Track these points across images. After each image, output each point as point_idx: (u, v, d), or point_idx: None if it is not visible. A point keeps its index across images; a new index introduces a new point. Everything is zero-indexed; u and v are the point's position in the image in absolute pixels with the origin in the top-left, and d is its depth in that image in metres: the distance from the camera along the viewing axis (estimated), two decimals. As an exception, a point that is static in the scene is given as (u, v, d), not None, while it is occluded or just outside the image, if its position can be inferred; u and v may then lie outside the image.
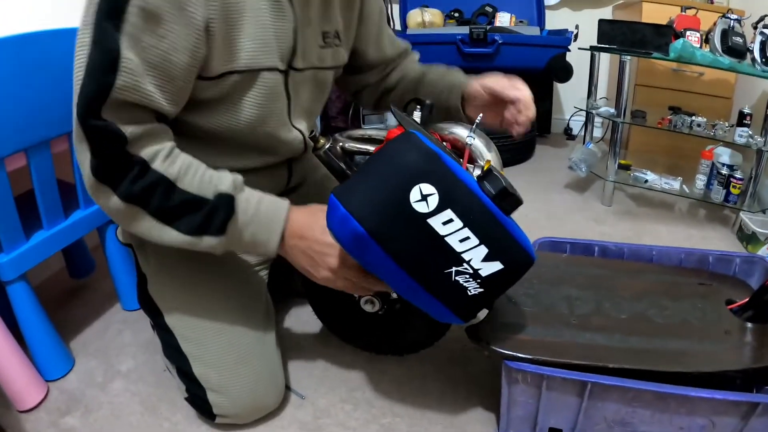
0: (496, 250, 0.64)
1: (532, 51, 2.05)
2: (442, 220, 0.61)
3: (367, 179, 0.63)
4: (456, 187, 0.61)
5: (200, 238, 0.72)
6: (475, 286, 0.66)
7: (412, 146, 0.62)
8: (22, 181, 0.96)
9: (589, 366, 0.74)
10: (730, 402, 0.69)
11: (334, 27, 0.88)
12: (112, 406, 0.93)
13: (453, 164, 0.63)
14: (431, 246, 0.62)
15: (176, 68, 0.66)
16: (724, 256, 0.99)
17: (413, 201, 0.60)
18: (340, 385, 0.98)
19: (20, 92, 0.83)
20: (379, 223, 0.61)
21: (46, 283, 1.33)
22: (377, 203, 0.61)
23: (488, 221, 0.63)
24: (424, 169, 0.60)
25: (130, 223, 0.71)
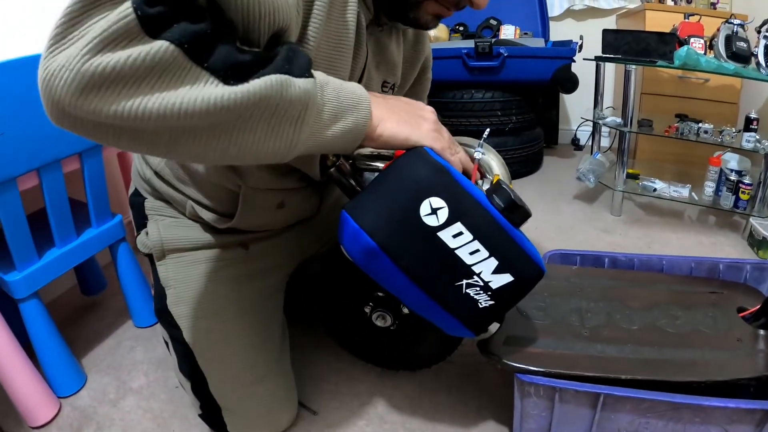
0: (506, 263, 0.64)
1: (537, 63, 2.06)
2: (452, 233, 0.61)
3: (378, 194, 0.63)
4: (465, 200, 0.62)
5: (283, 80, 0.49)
6: (486, 299, 0.66)
7: (421, 161, 0.63)
8: (35, 200, 0.97)
9: (601, 378, 0.73)
10: (744, 410, 0.68)
11: (394, 80, 0.87)
12: (124, 423, 0.94)
13: (462, 178, 0.63)
14: (442, 259, 0.62)
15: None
16: (734, 263, 0.99)
17: (423, 214, 0.61)
18: (351, 401, 0.97)
19: (32, 113, 0.84)
20: (389, 237, 0.61)
21: (59, 301, 1.34)
22: (388, 217, 0.61)
23: (497, 234, 0.63)
24: (434, 183, 0.61)
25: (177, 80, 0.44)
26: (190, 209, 0.86)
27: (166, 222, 0.89)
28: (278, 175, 0.82)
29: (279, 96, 0.49)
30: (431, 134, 0.66)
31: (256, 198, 0.83)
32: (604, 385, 0.72)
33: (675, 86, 2.13)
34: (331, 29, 0.65)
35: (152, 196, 0.91)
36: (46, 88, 0.43)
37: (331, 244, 0.97)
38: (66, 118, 0.44)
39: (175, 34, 0.43)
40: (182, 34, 0.43)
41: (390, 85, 0.87)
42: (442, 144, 0.67)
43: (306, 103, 0.52)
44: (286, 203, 0.87)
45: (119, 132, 0.45)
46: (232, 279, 0.87)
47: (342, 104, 0.57)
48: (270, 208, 0.86)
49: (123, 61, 0.41)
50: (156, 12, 0.43)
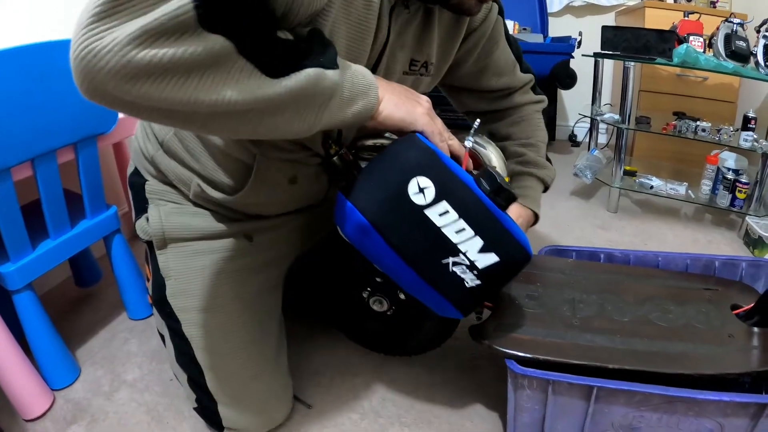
0: (491, 242, 0.67)
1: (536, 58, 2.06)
2: (439, 212, 0.64)
3: (371, 175, 0.67)
4: (452, 181, 0.65)
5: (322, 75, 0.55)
6: (472, 278, 0.68)
7: (411, 144, 0.66)
8: (29, 190, 0.97)
9: (588, 366, 0.74)
10: (737, 404, 0.69)
11: (425, 57, 0.85)
12: (118, 416, 0.93)
13: (450, 162, 0.66)
14: (428, 236, 0.65)
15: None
16: (730, 260, 0.99)
17: (411, 193, 0.64)
18: (346, 394, 0.97)
19: (27, 103, 0.84)
20: (379, 215, 0.65)
21: (53, 292, 1.33)
22: (379, 196, 0.65)
23: (483, 214, 0.66)
24: (422, 164, 0.64)
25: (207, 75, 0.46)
26: (195, 189, 0.84)
27: (168, 208, 0.87)
28: (294, 145, 0.82)
29: (314, 88, 0.54)
30: (423, 118, 0.69)
31: (270, 170, 0.82)
32: (593, 376, 0.72)
33: (673, 84, 2.13)
34: (353, 12, 0.66)
35: (155, 178, 0.89)
36: (86, 65, 0.43)
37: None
38: (103, 96, 0.45)
39: (228, 30, 0.46)
40: (235, 29, 0.46)
41: (420, 63, 0.85)
42: (433, 128, 0.69)
43: (332, 92, 0.57)
44: (298, 178, 0.86)
45: (157, 112, 0.47)
46: (235, 272, 0.86)
47: (355, 90, 0.61)
48: (282, 183, 0.84)
49: (179, 54, 0.44)
50: (215, 8, 0.45)
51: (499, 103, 1.03)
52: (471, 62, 0.94)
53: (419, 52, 0.83)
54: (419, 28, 0.81)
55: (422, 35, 0.82)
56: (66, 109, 0.91)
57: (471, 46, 0.91)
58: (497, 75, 0.98)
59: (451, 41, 0.88)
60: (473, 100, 1.04)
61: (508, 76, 1.00)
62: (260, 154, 0.80)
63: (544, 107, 1.07)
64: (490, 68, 0.97)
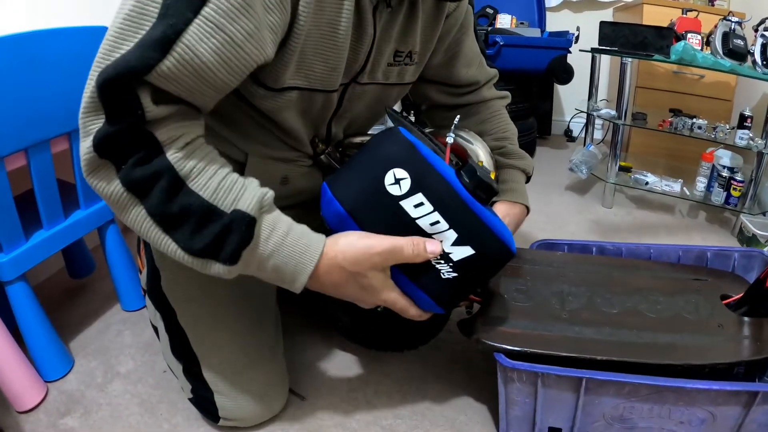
0: (467, 236, 0.67)
1: (533, 53, 2.06)
2: (414, 203, 0.65)
3: (352, 167, 0.69)
4: (429, 173, 0.65)
5: (206, 262, 0.59)
6: (447, 269, 0.69)
7: (391, 136, 0.68)
8: (22, 180, 0.96)
9: (577, 358, 0.74)
10: (728, 392, 0.69)
11: (410, 47, 0.85)
12: (112, 408, 0.93)
13: (429, 155, 0.66)
14: (403, 226, 0.66)
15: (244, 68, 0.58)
16: (722, 251, 0.99)
17: (387, 184, 0.65)
18: (340, 387, 0.98)
19: (20, 91, 0.83)
20: (356, 204, 0.66)
21: (46, 284, 1.33)
22: (357, 186, 0.67)
23: (459, 207, 0.66)
24: (400, 156, 0.65)
25: (127, 216, 0.58)
26: None
27: None
28: (284, 144, 0.83)
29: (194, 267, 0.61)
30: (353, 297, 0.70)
31: (261, 170, 0.81)
32: (581, 368, 0.72)
33: (670, 81, 2.13)
34: (323, 19, 0.66)
35: None
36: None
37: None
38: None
39: (122, 176, 0.55)
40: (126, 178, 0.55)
41: (405, 53, 0.85)
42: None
43: (224, 275, 0.61)
44: (290, 179, 0.86)
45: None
46: None
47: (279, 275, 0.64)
48: (274, 183, 0.84)
49: (94, 185, 0.57)
50: (108, 153, 0.55)
51: (468, 98, 1.03)
52: (442, 50, 0.94)
53: (403, 43, 0.84)
54: (404, 21, 0.81)
55: (407, 27, 0.82)
56: (60, 98, 0.90)
57: (444, 32, 0.91)
58: (466, 66, 0.99)
59: (432, 28, 0.88)
60: (443, 95, 1.04)
61: (476, 68, 1.00)
62: (251, 155, 0.81)
63: (508, 103, 1.08)
64: (460, 58, 0.97)
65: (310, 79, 0.71)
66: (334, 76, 0.74)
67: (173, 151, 0.56)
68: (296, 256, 0.63)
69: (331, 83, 0.74)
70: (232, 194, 0.59)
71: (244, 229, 0.58)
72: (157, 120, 0.55)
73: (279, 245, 0.62)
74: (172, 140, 0.57)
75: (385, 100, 0.92)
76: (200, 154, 0.59)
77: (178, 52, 0.52)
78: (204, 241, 0.58)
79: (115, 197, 0.56)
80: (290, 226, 0.64)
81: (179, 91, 0.56)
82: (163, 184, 0.55)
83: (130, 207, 0.57)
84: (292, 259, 0.62)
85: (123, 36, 0.53)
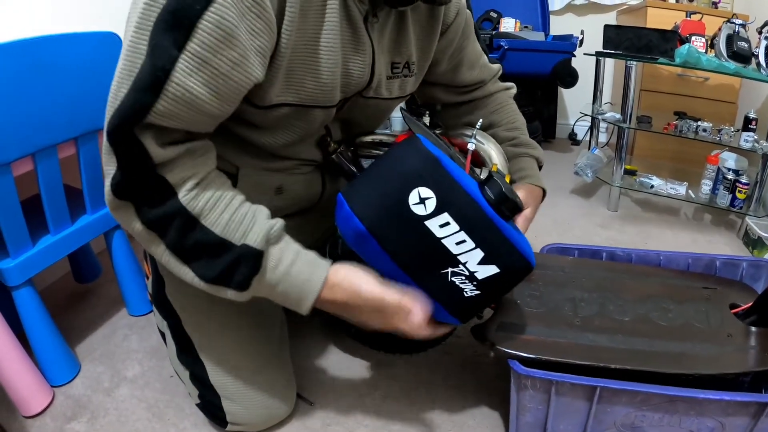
0: (492, 255, 0.65)
1: (537, 56, 2.06)
2: (439, 223, 0.63)
3: (371, 180, 0.66)
4: (454, 191, 0.63)
5: (220, 288, 0.65)
6: (471, 288, 0.67)
7: (413, 150, 0.64)
8: (29, 185, 0.96)
9: (592, 366, 0.74)
10: (738, 403, 0.69)
11: (405, 57, 0.85)
12: (119, 412, 0.93)
13: (454, 169, 0.64)
14: (427, 247, 0.64)
15: (236, 95, 0.61)
16: (730, 260, 0.99)
17: (412, 203, 0.63)
18: (348, 392, 0.97)
19: (27, 97, 0.83)
20: (378, 223, 0.64)
21: (52, 288, 1.33)
22: (378, 203, 0.64)
23: (485, 226, 0.65)
24: (424, 173, 0.63)
25: (151, 248, 0.64)
26: None
27: None
28: (273, 157, 0.82)
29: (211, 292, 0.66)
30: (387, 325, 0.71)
31: (254, 181, 0.81)
32: (596, 376, 0.72)
33: (675, 84, 2.13)
34: (307, 35, 0.66)
35: None
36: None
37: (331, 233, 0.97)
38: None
39: (141, 216, 0.61)
40: (146, 219, 0.61)
41: (401, 64, 0.85)
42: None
43: (238, 299, 0.66)
44: (284, 188, 0.86)
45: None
46: None
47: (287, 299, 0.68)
48: (268, 193, 0.84)
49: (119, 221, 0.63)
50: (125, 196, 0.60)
51: (473, 95, 1.03)
52: (446, 59, 0.95)
53: (398, 54, 0.84)
54: (393, 32, 0.81)
55: (398, 37, 0.82)
56: (66, 103, 0.90)
57: (447, 42, 0.91)
58: (470, 68, 0.99)
59: (428, 38, 0.88)
60: (449, 95, 1.04)
61: (479, 69, 1.00)
62: (242, 167, 0.80)
63: (515, 93, 1.08)
64: (464, 63, 0.97)
65: (301, 95, 0.70)
66: (330, 92, 0.73)
67: (184, 193, 0.60)
68: (300, 284, 0.66)
69: (327, 99, 0.73)
70: (242, 229, 0.63)
71: (252, 262, 0.63)
72: (165, 163, 0.59)
73: (285, 274, 0.65)
74: (183, 181, 0.61)
75: (386, 111, 0.93)
76: (211, 191, 0.63)
77: (171, 91, 0.55)
78: (216, 271, 0.63)
79: (137, 234, 0.62)
80: (297, 254, 0.67)
81: (180, 124, 0.58)
82: (177, 223, 0.61)
83: (152, 242, 0.63)
84: (296, 287, 0.66)
85: (123, 77, 0.56)
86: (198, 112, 0.58)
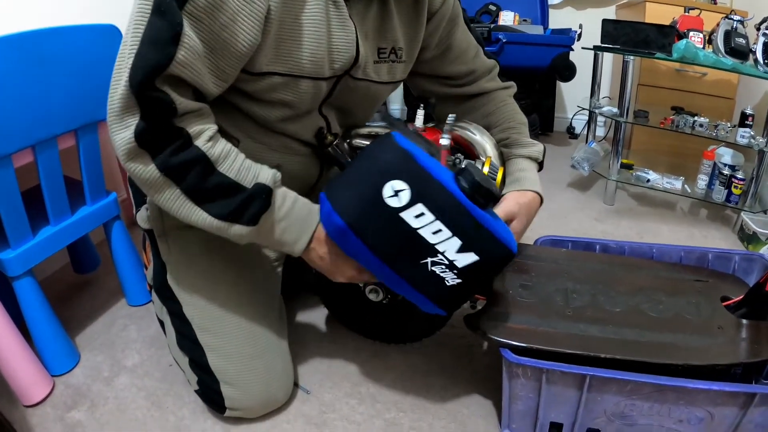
0: (470, 242, 0.67)
1: (536, 50, 2.05)
2: (414, 214, 0.66)
3: (350, 177, 0.70)
4: (427, 182, 0.66)
5: (231, 225, 0.71)
6: (452, 277, 0.69)
7: (386, 146, 0.68)
8: (29, 177, 0.97)
9: (581, 356, 0.75)
10: (727, 393, 0.70)
11: (391, 43, 0.87)
12: (118, 401, 0.94)
13: (426, 162, 0.66)
14: (405, 238, 0.67)
15: (232, 55, 0.67)
16: (723, 253, 1.00)
17: (386, 196, 0.65)
18: (344, 381, 0.99)
19: (27, 89, 0.84)
20: (356, 217, 0.67)
21: (52, 279, 1.34)
22: (356, 199, 0.67)
23: (460, 214, 0.67)
24: (396, 167, 0.66)
25: (160, 196, 0.69)
26: None
27: None
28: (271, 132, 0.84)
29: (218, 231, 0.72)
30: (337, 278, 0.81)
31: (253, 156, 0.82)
32: (585, 365, 0.73)
33: (672, 79, 2.13)
34: (295, 8, 0.70)
35: None
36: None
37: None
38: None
39: (159, 163, 0.66)
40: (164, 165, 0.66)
41: (388, 49, 0.87)
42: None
43: (241, 238, 0.73)
44: (283, 168, 0.87)
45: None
46: (235, 254, 0.88)
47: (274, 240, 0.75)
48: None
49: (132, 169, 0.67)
50: (146, 144, 0.65)
51: (468, 89, 1.03)
52: (434, 45, 0.95)
53: (383, 39, 0.86)
54: (377, 19, 0.83)
55: (382, 23, 0.84)
56: (66, 95, 0.91)
57: (433, 28, 0.92)
58: (461, 58, 0.99)
59: (414, 25, 0.89)
60: (442, 87, 1.04)
61: (471, 60, 1.00)
62: (242, 140, 0.83)
63: (514, 92, 1.07)
64: (453, 50, 0.98)
65: (290, 65, 0.74)
66: (317, 63, 0.76)
67: (203, 142, 0.68)
68: (301, 221, 0.75)
69: (315, 71, 0.76)
70: (252, 172, 0.71)
71: (264, 197, 0.71)
72: (185, 115, 0.66)
73: (289, 210, 0.74)
74: (200, 133, 0.68)
75: (378, 96, 0.94)
76: (222, 144, 0.71)
77: (186, 42, 0.62)
78: (231, 208, 0.70)
79: (151, 180, 0.67)
80: (296, 197, 0.76)
81: (193, 76, 0.65)
82: (198, 169, 0.67)
83: (164, 188, 0.68)
84: (297, 223, 0.75)
85: (137, 36, 0.62)
86: (204, 64, 0.66)
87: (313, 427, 0.89)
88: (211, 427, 0.89)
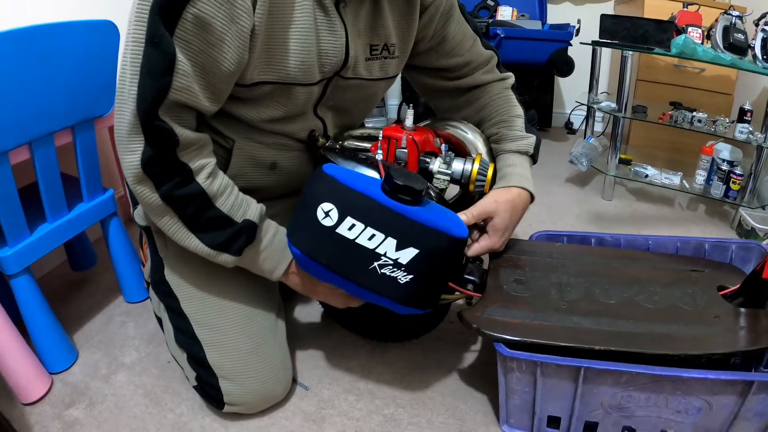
0: (405, 238, 0.71)
1: (534, 45, 2.05)
2: (347, 227, 0.72)
3: (297, 212, 0.77)
4: (349, 196, 0.72)
5: (219, 253, 0.78)
6: (403, 274, 0.72)
7: (315, 177, 0.76)
8: (26, 174, 0.96)
9: (576, 348, 0.75)
10: (724, 381, 0.70)
11: (383, 39, 0.87)
12: (116, 398, 0.94)
13: (350, 180, 0.73)
14: (348, 250, 0.72)
15: (222, 74, 0.70)
16: (719, 243, 1.00)
17: (320, 219, 0.72)
18: (343, 376, 0.99)
19: (24, 85, 0.83)
20: (307, 245, 0.74)
21: (49, 276, 1.34)
22: (302, 229, 0.75)
23: (385, 216, 0.71)
24: (323, 191, 0.73)
25: (159, 219, 0.75)
26: None
27: None
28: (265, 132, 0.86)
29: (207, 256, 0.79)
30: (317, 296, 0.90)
31: (248, 155, 0.86)
32: (580, 357, 0.73)
33: (671, 74, 2.13)
34: (281, 19, 0.72)
35: None
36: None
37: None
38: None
39: (162, 193, 0.72)
40: (166, 196, 0.72)
41: (380, 46, 0.87)
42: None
43: (227, 264, 0.80)
44: (278, 165, 0.89)
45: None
46: None
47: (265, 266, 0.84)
48: (263, 167, 0.89)
49: (139, 192, 0.73)
50: (151, 174, 0.70)
51: (463, 81, 1.02)
52: (428, 38, 0.95)
53: (375, 36, 0.86)
54: (369, 16, 0.84)
55: (374, 21, 0.85)
56: (63, 91, 0.90)
57: (427, 21, 0.92)
58: (456, 50, 0.98)
59: (407, 20, 0.89)
60: (439, 80, 1.03)
61: (468, 51, 0.99)
62: (237, 140, 0.85)
63: (513, 84, 1.06)
64: (448, 42, 0.97)
65: (281, 74, 0.76)
66: (307, 70, 0.77)
67: (203, 178, 0.74)
68: (279, 252, 0.83)
69: (306, 77, 0.79)
70: (242, 209, 0.78)
71: (250, 233, 0.79)
72: (187, 148, 0.72)
73: (270, 242, 0.82)
74: (201, 168, 0.74)
75: (372, 93, 0.94)
76: (219, 179, 0.77)
77: (180, 68, 0.66)
78: (221, 239, 0.77)
79: (154, 205, 0.73)
80: (277, 229, 0.84)
81: (190, 97, 0.69)
82: (198, 202, 0.74)
83: (165, 214, 0.75)
84: (277, 253, 0.83)
85: (135, 69, 0.66)
86: (198, 84, 0.69)
87: (312, 423, 0.89)
88: (209, 423, 0.89)
